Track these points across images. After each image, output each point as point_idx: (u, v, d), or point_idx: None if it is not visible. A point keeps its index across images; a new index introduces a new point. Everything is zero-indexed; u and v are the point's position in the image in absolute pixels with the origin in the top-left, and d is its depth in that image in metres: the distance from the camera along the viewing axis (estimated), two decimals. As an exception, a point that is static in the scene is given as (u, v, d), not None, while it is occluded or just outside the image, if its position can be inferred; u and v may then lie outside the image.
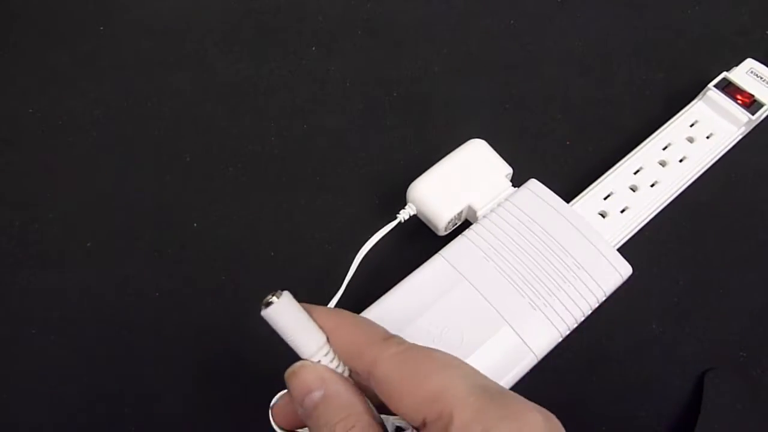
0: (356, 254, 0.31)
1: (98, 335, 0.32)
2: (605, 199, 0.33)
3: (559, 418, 0.17)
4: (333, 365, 0.20)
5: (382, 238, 0.32)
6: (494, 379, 0.27)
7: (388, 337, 0.19)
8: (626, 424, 0.31)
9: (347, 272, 0.31)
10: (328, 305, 0.30)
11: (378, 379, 0.18)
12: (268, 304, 0.19)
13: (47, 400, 0.31)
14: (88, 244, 0.35)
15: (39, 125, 0.39)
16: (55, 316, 0.33)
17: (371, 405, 0.19)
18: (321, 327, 0.20)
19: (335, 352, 0.20)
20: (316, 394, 0.19)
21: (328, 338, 0.20)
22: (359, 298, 0.32)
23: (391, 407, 0.18)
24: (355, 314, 0.20)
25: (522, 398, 0.18)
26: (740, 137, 0.36)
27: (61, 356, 0.32)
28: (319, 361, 0.19)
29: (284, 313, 0.19)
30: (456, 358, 0.19)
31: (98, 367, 0.32)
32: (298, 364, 0.19)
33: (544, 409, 0.18)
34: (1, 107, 0.39)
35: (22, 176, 0.37)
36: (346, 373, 0.20)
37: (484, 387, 0.18)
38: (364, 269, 0.32)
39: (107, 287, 0.34)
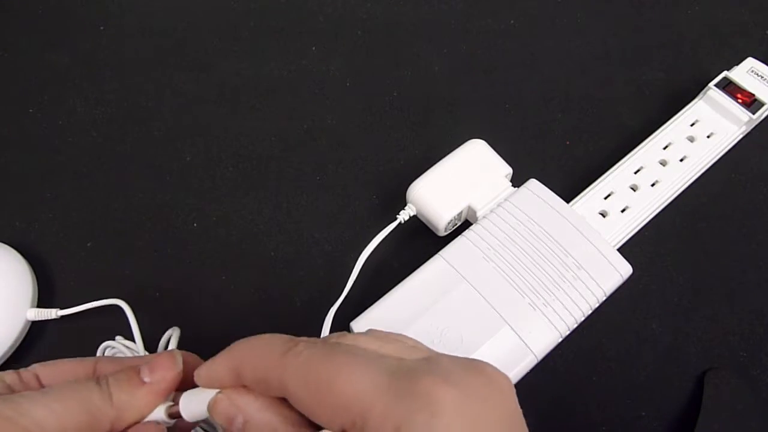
0: (356, 254, 0.31)
1: (98, 336, 0.32)
2: (605, 198, 0.33)
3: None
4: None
5: (383, 239, 0.32)
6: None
7: (287, 350, 0.18)
8: (626, 424, 0.31)
9: (347, 272, 0.31)
10: (330, 311, 0.30)
11: (291, 397, 0.18)
12: (177, 414, 0.21)
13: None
14: (88, 244, 0.35)
15: (39, 125, 0.39)
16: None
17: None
18: (228, 371, 0.19)
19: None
20: (239, 420, 0.19)
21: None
22: (359, 299, 0.32)
23: (313, 420, 0.18)
24: (248, 338, 0.19)
25: (436, 367, 0.17)
26: (741, 136, 0.36)
27: (62, 357, 0.32)
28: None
29: (188, 408, 0.20)
30: (356, 347, 0.18)
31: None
32: (212, 397, 0.19)
33: (470, 368, 0.17)
34: (1, 107, 0.39)
35: (22, 176, 0.37)
36: None
37: (392, 374, 0.17)
38: (364, 270, 0.32)
39: (108, 287, 0.34)
